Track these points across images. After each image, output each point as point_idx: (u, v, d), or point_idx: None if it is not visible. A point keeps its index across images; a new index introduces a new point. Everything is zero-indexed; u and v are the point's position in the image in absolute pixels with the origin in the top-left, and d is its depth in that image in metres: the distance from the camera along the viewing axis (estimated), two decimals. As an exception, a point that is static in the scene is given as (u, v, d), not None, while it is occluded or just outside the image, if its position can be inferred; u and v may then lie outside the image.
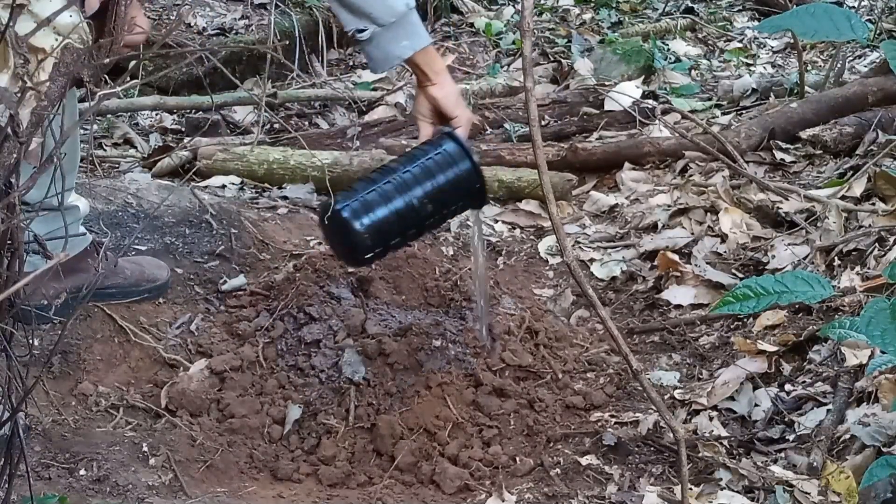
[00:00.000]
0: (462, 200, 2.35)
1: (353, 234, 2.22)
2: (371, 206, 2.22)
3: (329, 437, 2.40)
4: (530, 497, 2.20)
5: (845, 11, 1.68)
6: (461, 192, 2.31)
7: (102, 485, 2.15)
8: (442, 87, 2.34)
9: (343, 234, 2.25)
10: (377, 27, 2.25)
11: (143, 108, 4.12)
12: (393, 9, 2.25)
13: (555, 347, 2.65)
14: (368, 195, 2.23)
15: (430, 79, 2.33)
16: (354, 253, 2.30)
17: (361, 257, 2.32)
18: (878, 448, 2.08)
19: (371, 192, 2.24)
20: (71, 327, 2.46)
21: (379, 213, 2.22)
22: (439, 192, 2.27)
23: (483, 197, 2.38)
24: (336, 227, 2.24)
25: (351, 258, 2.41)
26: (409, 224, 2.28)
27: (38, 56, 1.41)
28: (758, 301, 1.73)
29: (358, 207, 2.22)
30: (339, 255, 2.47)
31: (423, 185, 2.25)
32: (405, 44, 2.28)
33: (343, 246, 2.32)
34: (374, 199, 2.23)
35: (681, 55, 4.88)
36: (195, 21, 4.61)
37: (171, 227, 2.96)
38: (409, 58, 2.30)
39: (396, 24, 2.26)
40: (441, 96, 2.33)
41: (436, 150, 2.29)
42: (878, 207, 2.94)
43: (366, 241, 2.24)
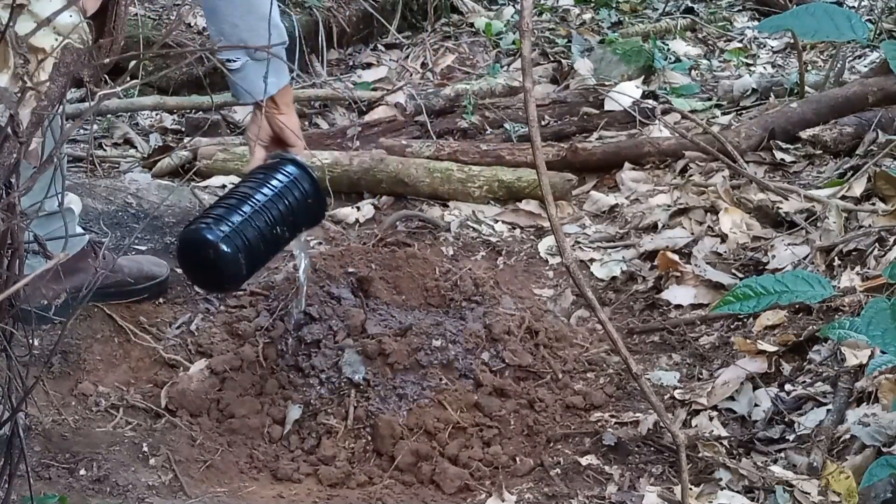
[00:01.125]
0: (306, 219, 2.42)
1: (229, 259, 2.22)
2: (240, 231, 2.24)
3: (329, 437, 2.40)
4: (530, 497, 2.20)
5: (845, 11, 1.68)
6: (306, 212, 2.39)
7: (102, 485, 2.15)
8: (290, 118, 2.43)
9: (218, 261, 2.22)
10: (249, 60, 2.30)
11: (143, 108, 4.11)
12: (272, 46, 2.26)
13: (555, 347, 2.65)
14: (234, 219, 2.24)
15: (280, 110, 2.40)
16: (229, 279, 2.30)
17: (235, 282, 2.36)
18: (878, 448, 2.09)
19: (235, 216, 2.25)
20: (71, 327, 2.46)
21: (248, 236, 2.25)
22: (290, 213, 2.34)
23: (322, 215, 2.50)
24: (209, 254, 2.22)
25: (223, 284, 2.40)
26: (269, 244, 2.33)
27: (38, 56, 1.41)
28: (758, 301, 1.73)
29: (230, 233, 2.23)
30: (207, 283, 2.42)
31: (278, 206, 2.31)
32: (272, 80, 2.31)
33: (216, 272, 2.27)
34: (241, 224, 2.25)
35: (681, 55, 4.88)
36: (195, 21, 4.60)
37: (171, 227, 2.96)
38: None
39: (269, 60, 2.29)
40: (288, 124, 2.42)
41: (282, 174, 2.36)
42: (878, 207, 2.94)
43: (241, 265, 2.25)
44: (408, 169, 3.39)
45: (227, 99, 4.07)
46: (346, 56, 4.91)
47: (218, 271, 2.25)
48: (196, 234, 2.25)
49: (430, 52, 4.88)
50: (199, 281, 2.44)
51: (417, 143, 3.63)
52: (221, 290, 2.49)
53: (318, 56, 4.73)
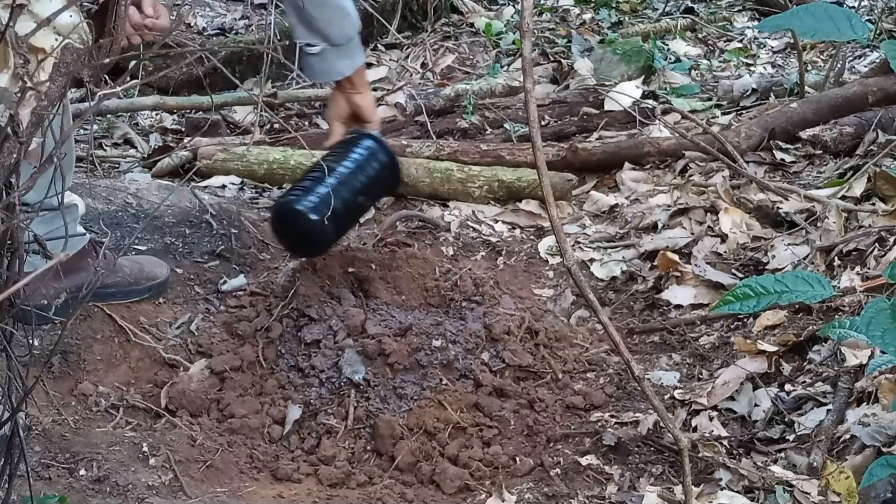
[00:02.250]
0: (383, 188, 2.81)
1: (317, 227, 2.52)
2: (327, 201, 2.51)
3: (329, 437, 2.40)
4: (530, 497, 2.20)
5: (845, 11, 1.68)
6: (383, 181, 2.73)
7: (102, 485, 2.14)
8: (365, 97, 2.68)
9: (307, 229, 2.54)
10: (328, 46, 2.53)
11: (143, 108, 4.11)
12: (347, 33, 2.55)
13: (555, 347, 2.65)
14: (321, 191, 2.53)
15: (357, 89, 2.65)
16: (317, 245, 2.63)
17: (323, 248, 2.65)
18: (878, 448, 2.08)
19: (322, 188, 2.53)
20: (71, 327, 2.46)
21: (334, 206, 2.51)
22: (370, 183, 2.65)
23: (398, 183, 2.84)
24: (299, 223, 2.54)
25: (312, 251, 2.67)
26: (352, 213, 2.67)
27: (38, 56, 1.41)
28: (758, 301, 1.73)
29: (318, 203, 2.52)
30: (298, 249, 2.70)
31: (359, 178, 2.62)
32: (347, 62, 2.59)
33: (306, 240, 2.60)
34: (327, 195, 2.52)
35: (681, 55, 4.87)
36: (195, 21, 4.60)
37: (171, 227, 2.96)
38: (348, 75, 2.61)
39: (345, 46, 2.56)
40: (364, 104, 2.67)
41: (362, 148, 2.66)
42: (878, 207, 2.94)
43: (328, 232, 2.56)
44: (408, 169, 3.38)
45: (226, 99, 4.08)
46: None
47: (308, 238, 2.58)
48: (287, 205, 2.57)
49: (430, 52, 4.88)
50: (291, 247, 2.71)
51: (417, 143, 3.63)
52: (312, 254, 2.69)
53: (318, 56, 4.72)
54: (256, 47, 4.44)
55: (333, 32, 2.53)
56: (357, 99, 2.65)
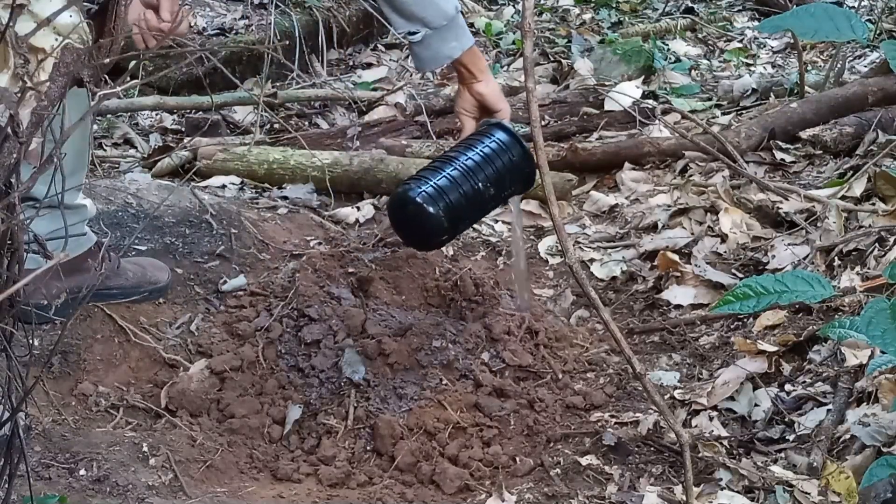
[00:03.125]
0: (515, 184, 2.51)
1: (431, 218, 2.36)
2: (444, 192, 2.37)
3: (329, 437, 2.40)
4: (530, 497, 2.20)
5: (845, 11, 1.68)
6: (515, 176, 2.48)
7: (102, 485, 2.14)
8: (487, 84, 2.48)
9: (420, 219, 2.38)
10: (429, 30, 2.38)
11: (143, 108, 4.11)
12: (444, 12, 2.39)
13: (555, 347, 2.65)
14: (439, 181, 2.38)
15: (476, 76, 2.46)
16: (431, 237, 2.44)
17: (438, 240, 2.48)
18: (878, 448, 2.08)
19: (441, 178, 2.38)
20: (71, 327, 2.46)
21: (451, 198, 2.37)
22: (498, 177, 2.43)
23: (532, 180, 2.54)
24: (412, 212, 2.38)
25: (426, 242, 2.51)
26: (475, 207, 2.46)
27: (38, 56, 1.41)
28: (758, 301, 1.73)
29: (433, 193, 2.36)
30: (413, 240, 2.53)
31: (485, 171, 2.42)
32: (454, 45, 2.42)
33: (419, 230, 2.43)
34: (445, 185, 2.38)
35: (681, 55, 4.88)
36: (195, 21, 4.60)
37: (171, 227, 2.95)
38: (457, 57, 2.44)
39: (446, 26, 2.39)
40: (487, 92, 2.48)
41: (491, 139, 2.45)
42: (878, 207, 2.94)
43: (443, 224, 2.39)
44: (408, 169, 3.39)
45: (226, 99, 4.08)
46: (346, 56, 4.91)
47: (422, 228, 2.41)
48: (402, 193, 2.42)
49: (430, 52, 4.86)
50: (407, 238, 2.55)
51: (417, 143, 3.63)
52: (428, 246, 2.58)
53: (318, 56, 4.74)
54: (256, 47, 4.44)
55: (429, 14, 2.37)
56: (479, 87, 2.48)
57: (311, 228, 3.15)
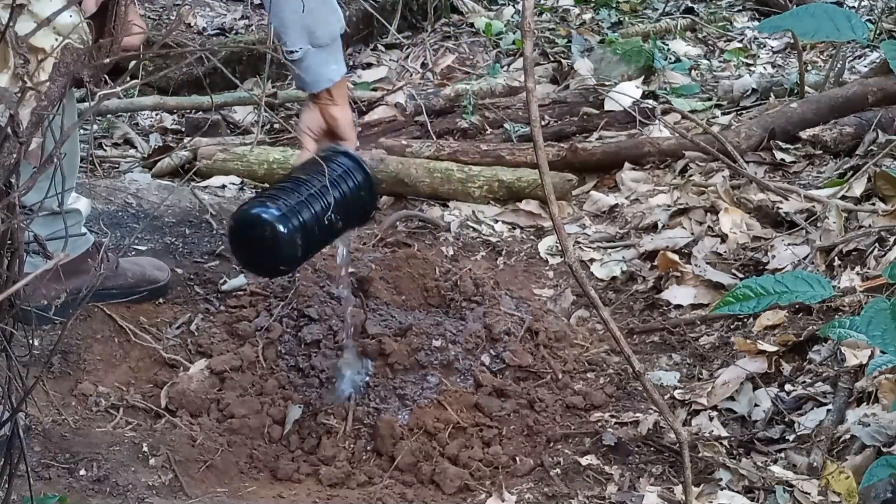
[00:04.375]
0: (356, 215, 2.37)
1: (287, 241, 2.16)
2: (297, 213, 2.18)
3: (329, 437, 2.40)
4: (530, 497, 2.20)
5: (845, 11, 1.68)
6: (358, 208, 2.34)
7: (102, 485, 2.14)
8: (343, 110, 2.36)
9: (273, 241, 2.16)
10: (311, 48, 2.24)
11: (143, 108, 4.11)
12: (332, 31, 2.26)
13: (555, 347, 2.65)
14: (290, 202, 2.19)
15: (335, 101, 2.33)
16: (282, 261, 2.24)
17: (287, 265, 2.29)
18: (878, 448, 2.08)
19: (292, 199, 2.20)
20: (71, 327, 2.46)
21: (305, 219, 2.19)
22: (345, 205, 2.28)
23: (369, 217, 2.48)
24: (264, 234, 2.16)
25: (274, 267, 2.31)
26: (324, 233, 2.27)
27: (38, 56, 1.41)
28: (758, 301, 1.73)
29: (287, 213, 2.17)
30: (258, 264, 2.31)
31: (333, 195, 2.24)
32: (333, 67, 2.29)
33: (270, 254, 2.21)
34: (297, 206, 2.19)
35: (681, 55, 4.87)
36: (195, 21, 4.61)
37: (171, 227, 2.96)
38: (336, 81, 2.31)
39: (330, 46, 2.27)
40: (341, 118, 2.35)
41: (340, 167, 2.31)
42: (878, 207, 2.94)
43: (297, 247, 2.19)
44: (408, 169, 3.39)
45: (226, 99, 4.09)
46: (346, 56, 4.91)
47: (274, 252, 2.19)
48: (251, 214, 2.19)
49: (430, 52, 4.88)
50: (252, 264, 2.34)
51: (417, 143, 3.63)
52: (276, 272, 2.42)
53: (318, 56, 4.72)
54: (256, 47, 4.44)
55: (320, 30, 2.23)
56: (335, 112, 2.34)
57: (311, 228, 3.14)
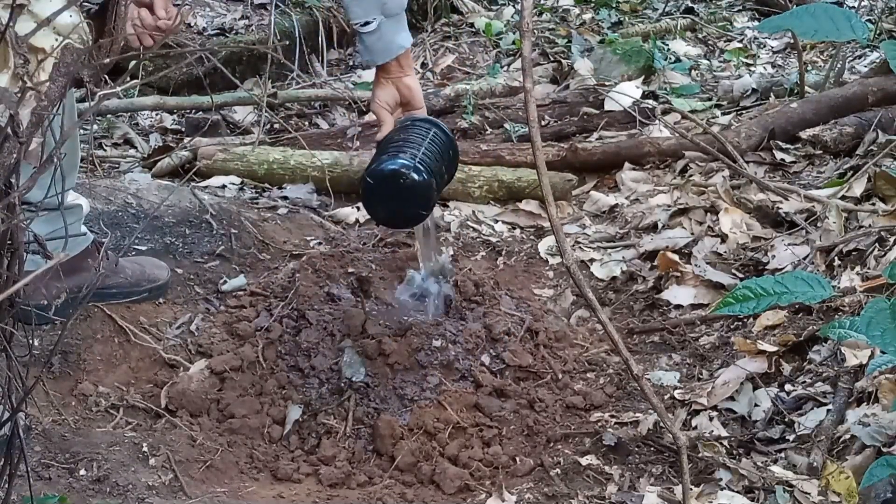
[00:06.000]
0: (453, 167, 2.55)
1: (424, 187, 2.32)
2: (424, 162, 2.34)
3: (329, 437, 2.40)
4: (530, 497, 2.20)
5: (845, 11, 1.68)
6: (453, 162, 2.52)
7: (102, 485, 2.14)
8: (415, 79, 2.48)
9: (413, 190, 2.32)
10: (384, 18, 2.35)
11: (143, 108, 4.11)
12: (401, 1, 2.38)
13: (555, 347, 2.65)
14: (417, 153, 2.34)
15: (406, 71, 2.45)
16: (422, 208, 2.39)
17: (429, 210, 2.43)
18: (878, 448, 2.08)
19: (416, 152, 2.35)
20: (71, 327, 2.46)
21: (432, 167, 2.35)
22: (446, 156, 2.45)
23: (456, 167, 2.59)
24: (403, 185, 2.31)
25: (415, 216, 2.44)
26: (441, 182, 2.45)
27: (38, 56, 1.41)
28: (758, 302, 1.73)
29: (419, 163, 2.33)
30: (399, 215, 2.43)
31: (435, 149, 2.40)
32: (404, 35, 2.40)
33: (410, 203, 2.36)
34: (423, 157, 2.35)
35: (681, 55, 4.88)
36: (195, 21, 4.61)
37: (171, 227, 2.95)
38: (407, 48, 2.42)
39: (400, 16, 2.38)
40: (416, 87, 2.47)
41: (434, 128, 2.45)
42: (878, 207, 2.94)
43: (434, 193, 2.37)
44: (408, 169, 3.39)
45: (226, 99, 4.09)
46: (346, 56, 4.91)
47: (416, 199, 2.34)
48: (389, 168, 2.32)
49: (430, 52, 4.88)
50: (389, 217, 2.46)
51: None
52: (416, 220, 2.50)
53: (318, 56, 4.74)
54: (256, 47, 4.44)
55: (393, 2, 2.35)
56: (409, 81, 2.45)
57: (311, 228, 3.15)
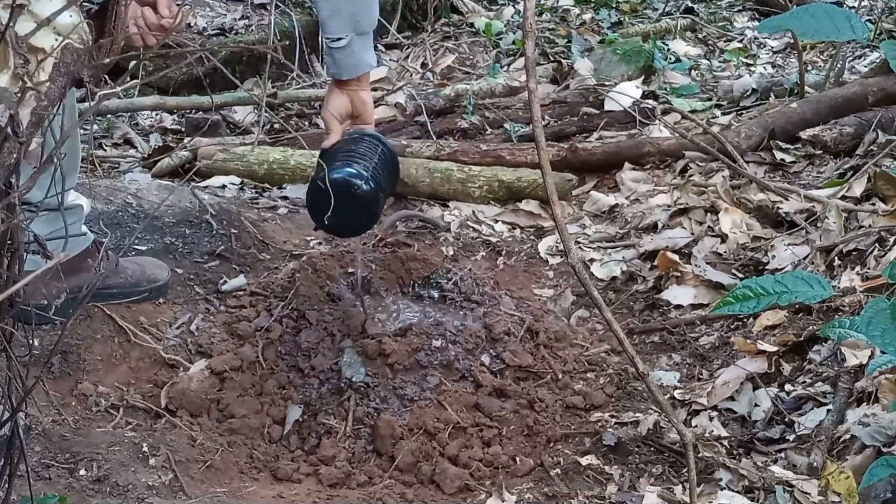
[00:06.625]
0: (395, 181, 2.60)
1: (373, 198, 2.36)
2: (376, 178, 2.37)
3: (329, 437, 2.40)
4: (530, 497, 2.20)
5: (845, 11, 1.68)
6: (394, 177, 2.57)
7: (102, 485, 2.14)
8: (369, 95, 2.52)
9: (363, 201, 2.36)
10: (355, 35, 2.38)
11: (143, 108, 4.11)
12: (373, 20, 2.42)
13: (555, 347, 2.65)
14: (371, 167, 2.38)
15: (363, 87, 2.49)
16: (370, 218, 2.44)
17: (374, 221, 2.47)
18: (878, 448, 2.08)
19: (364, 164, 2.38)
20: (71, 327, 2.46)
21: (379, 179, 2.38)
22: (390, 170, 2.49)
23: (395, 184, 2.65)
24: (355, 195, 2.34)
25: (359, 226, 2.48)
26: (386, 194, 2.48)
27: (38, 56, 1.41)
28: (758, 301, 1.73)
29: (371, 178, 2.36)
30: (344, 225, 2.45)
31: (377, 164, 2.43)
32: (371, 54, 2.45)
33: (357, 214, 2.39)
34: (373, 170, 2.37)
35: (681, 55, 4.88)
36: (195, 21, 4.61)
37: (171, 227, 2.95)
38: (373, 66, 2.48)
39: (369, 34, 2.42)
40: (369, 102, 2.51)
41: (369, 142, 2.48)
42: (878, 207, 2.94)
43: (381, 204, 2.41)
44: (408, 169, 3.39)
45: (226, 99, 4.08)
46: (346, 56, 4.90)
47: (364, 209, 2.38)
48: (340, 174, 2.35)
49: (430, 52, 4.88)
50: (334, 225, 2.44)
51: (417, 143, 3.63)
52: (359, 230, 2.54)
53: (318, 56, 4.74)
54: (256, 47, 4.44)
55: (365, 18, 2.38)
56: (364, 96, 2.49)
57: (311, 228, 3.14)
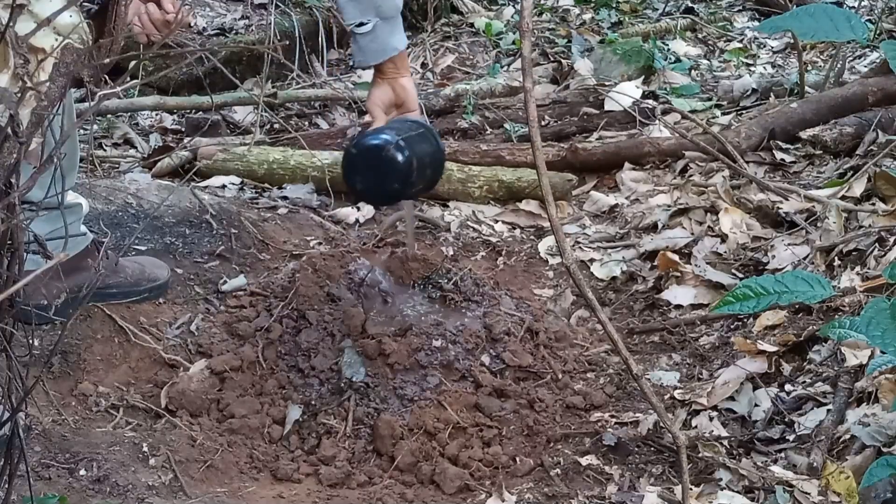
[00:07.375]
0: (436, 174, 2.56)
1: (402, 165, 2.33)
2: (409, 146, 2.34)
3: (329, 437, 2.40)
4: (530, 497, 2.20)
5: (845, 11, 1.68)
6: (439, 166, 2.54)
7: (102, 485, 2.14)
8: (411, 80, 2.49)
9: (390, 166, 2.33)
10: (379, 20, 2.37)
11: (143, 108, 4.11)
12: (396, 4, 2.40)
13: (555, 347, 2.65)
14: (404, 136, 2.35)
15: (402, 73, 2.46)
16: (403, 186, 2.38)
17: (402, 191, 2.42)
18: (878, 448, 2.08)
19: (403, 136, 2.35)
20: (71, 327, 2.46)
21: (417, 151, 2.36)
22: (432, 159, 2.46)
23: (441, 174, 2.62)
24: (383, 160, 2.32)
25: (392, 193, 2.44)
26: (424, 175, 2.43)
27: (38, 56, 1.41)
28: (758, 301, 1.73)
29: (402, 144, 2.33)
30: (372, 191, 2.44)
31: (428, 152, 2.42)
32: (399, 37, 2.42)
33: (388, 179, 2.36)
34: (409, 141, 2.35)
35: (681, 55, 4.88)
36: (195, 21, 4.61)
37: (171, 227, 2.95)
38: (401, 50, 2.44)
39: (395, 18, 2.40)
40: (411, 88, 2.48)
41: (423, 130, 2.47)
42: (878, 207, 2.94)
43: (412, 174, 2.35)
44: (408, 169, 3.39)
45: (226, 99, 4.08)
46: (346, 56, 4.91)
47: (393, 175, 2.34)
48: (371, 141, 2.35)
49: (430, 52, 4.88)
50: (366, 189, 2.44)
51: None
52: (392, 198, 2.53)
53: (318, 56, 4.74)
54: (256, 47, 4.44)
55: (386, 3, 2.38)
56: (405, 82, 2.46)
57: (311, 228, 3.15)
